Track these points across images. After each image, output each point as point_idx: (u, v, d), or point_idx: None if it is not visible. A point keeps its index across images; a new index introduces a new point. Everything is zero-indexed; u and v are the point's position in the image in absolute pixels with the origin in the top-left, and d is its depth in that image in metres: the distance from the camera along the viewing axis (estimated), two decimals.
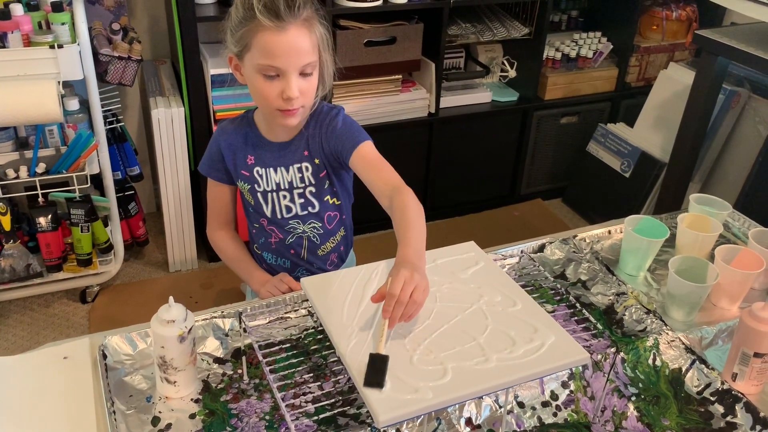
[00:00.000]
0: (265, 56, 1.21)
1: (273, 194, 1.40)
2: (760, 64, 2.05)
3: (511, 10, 2.85)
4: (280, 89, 1.23)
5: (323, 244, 1.46)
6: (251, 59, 1.23)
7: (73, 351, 1.13)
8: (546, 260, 1.41)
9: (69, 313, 2.36)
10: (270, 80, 1.23)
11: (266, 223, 1.44)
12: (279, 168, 1.38)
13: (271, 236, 1.45)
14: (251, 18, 1.20)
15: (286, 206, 1.41)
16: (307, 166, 1.37)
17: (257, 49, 1.21)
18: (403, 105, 2.67)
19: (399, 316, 0.99)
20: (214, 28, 2.52)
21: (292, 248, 1.46)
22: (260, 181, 1.39)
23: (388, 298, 0.99)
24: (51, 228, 2.16)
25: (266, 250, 1.48)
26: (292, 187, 1.39)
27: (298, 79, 1.23)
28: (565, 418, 1.12)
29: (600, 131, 3.02)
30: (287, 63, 1.21)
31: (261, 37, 1.20)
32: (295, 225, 1.43)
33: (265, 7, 1.18)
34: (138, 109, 2.75)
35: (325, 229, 1.44)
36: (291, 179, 1.38)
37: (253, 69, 1.24)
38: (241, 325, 1.17)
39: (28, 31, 1.98)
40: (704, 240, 1.38)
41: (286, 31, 1.19)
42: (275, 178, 1.38)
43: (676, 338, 1.19)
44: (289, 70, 1.22)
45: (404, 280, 1.00)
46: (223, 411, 1.04)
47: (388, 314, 0.99)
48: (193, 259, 2.61)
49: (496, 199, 3.08)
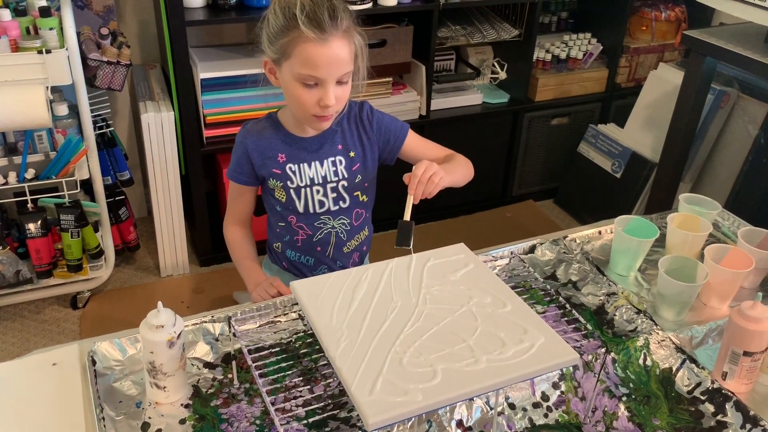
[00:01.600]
0: (306, 67, 1.23)
1: (306, 189, 1.42)
2: (748, 64, 2.06)
3: (501, 12, 2.86)
4: (317, 97, 1.26)
5: (349, 240, 1.49)
6: (291, 67, 1.25)
7: (62, 357, 1.13)
8: (537, 261, 1.42)
9: (60, 319, 2.35)
10: (308, 88, 1.26)
11: (295, 220, 1.45)
12: (313, 162, 1.41)
13: (299, 233, 1.47)
14: (293, 27, 1.21)
15: (319, 201, 1.43)
16: (341, 159, 1.41)
17: (298, 59, 1.23)
18: (394, 107, 2.67)
19: (421, 192, 1.21)
20: (203, 33, 2.52)
21: (319, 245, 1.48)
22: (293, 177, 1.41)
23: (412, 177, 1.21)
24: (41, 234, 2.15)
25: (290, 248, 1.50)
26: (326, 181, 1.42)
27: (335, 87, 1.26)
28: (556, 419, 1.12)
29: (591, 132, 3.03)
30: (327, 73, 1.24)
31: (304, 48, 1.22)
32: (325, 220, 1.45)
33: (308, 18, 1.20)
34: (128, 113, 2.74)
35: (351, 225, 1.47)
36: (325, 173, 1.41)
37: (293, 77, 1.26)
38: (230, 329, 1.17)
39: (15, 37, 1.97)
40: (694, 240, 1.38)
41: (329, 44, 1.22)
42: (309, 173, 1.41)
43: (667, 338, 1.19)
44: (328, 80, 1.25)
45: (426, 165, 1.22)
46: (214, 416, 1.04)
47: (413, 191, 1.21)
48: (184, 264, 2.60)
49: (487, 201, 3.09)
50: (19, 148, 2.16)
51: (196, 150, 2.40)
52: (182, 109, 2.34)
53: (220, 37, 2.58)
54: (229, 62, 2.37)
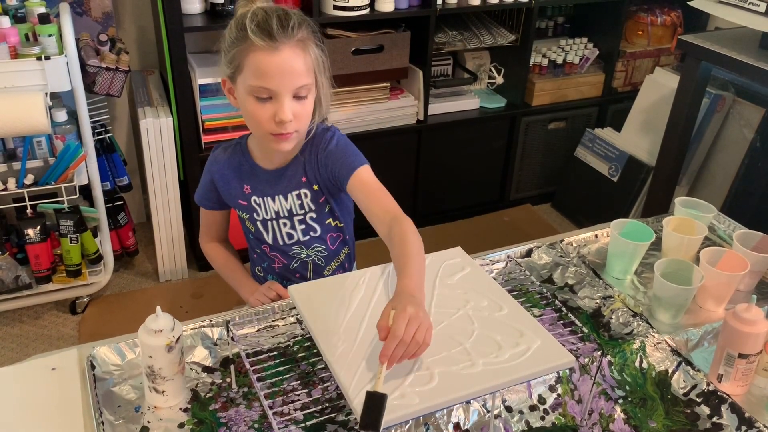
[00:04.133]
0: (257, 77, 1.17)
1: (273, 222, 1.37)
2: (743, 69, 2.07)
3: (498, 18, 2.88)
4: (272, 112, 1.19)
5: (328, 265, 1.44)
6: (243, 81, 1.20)
7: (61, 362, 1.13)
8: (533, 265, 1.42)
9: (59, 325, 2.35)
10: (262, 103, 1.19)
11: (269, 249, 1.42)
12: (277, 196, 1.35)
13: (275, 261, 1.43)
14: (243, 38, 1.17)
15: (287, 233, 1.38)
16: (305, 192, 1.34)
17: (249, 70, 1.18)
18: (392, 112, 2.68)
19: (399, 356, 0.94)
20: (201, 39, 2.53)
21: (297, 272, 1.43)
22: (258, 210, 1.36)
23: (390, 338, 0.93)
24: (40, 239, 2.16)
25: (271, 274, 1.46)
26: (292, 214, 1.36)
27: (292, 102, 1.19)
28: (553, 421, 1.12)
29: (588, 136, 3.04)
30: (280, 85, 1.17)
31: (253, 57, 1.17)
32: (298, 250, 1.40)
33: (258, 27, 1.15)
34: (126, 119, 2.75)
35: (329, 251, 1.41)
36: (290, 207, 1.35)
37: (246, 91, 1.20)
38: (229, 333, 1.17)
39: (15, 43, 1.98)
40: (690, 243, 1.39)
41: (279, 51, 1.16)
42: (274, 206, 1.35)
43: (663, 340, 1.20)
44: (282, 92, 1.18)
45: (408, 318, 0.94)
46: (212, 420, 1.04)
47: (388, 353, 0.93)
48: (183, 269, 2.60)
49: (485, 205, 3.10)
50: (18, 153, 2.17)
51: (194, 155, 2.41)
52: (181, 114, 2.35)
53: (218, 43, 2.59)
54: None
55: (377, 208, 1.23)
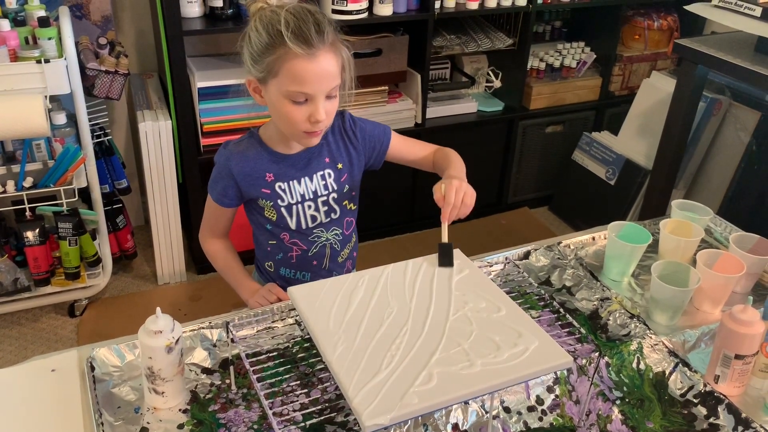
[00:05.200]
0: (296, 83, 1.20)
1: (298, 206, 1.39)
2: (738, 72, 2.08)
3: (495, 22, 2.89)
4: (307, 113, 1.23)
5: (342, 250, 1.48)
6: (278, 85, 1.22)
7: (61, 363, 1.13)
8: (531, 267, 1.43)
9: (57, 327, 2.35)
10: (298, 105, 1.23)
11: (288, 237, 1.43)
12: (303, 179, 1.38)
13: (292, 249, 1.44)
14: (279, 45, 1.18)
15: (311, 216, 1.41)
16: (329, 172, 1.40)
17: (286, 76, 1.20)
18: (390, 116, 2.69)
19: (454, 216, 1.24)
20: (201, 42, 2.54)
21: (315, 259, 1.45)
22: (284, 195, 1.38)
23: (445, 204, 1.23)
24: (38, 242, 2.16)
25: (284, 266, 1.47)
26: (317, 195, 1.40)
27: (325, 101, 1.24)
28: (551, 422, 1.13)
29: (585, 140, 3.05)
30: (317, 89, 1.21)
31: (292, 64, 1.19)
32: (318, 233, 1.43)
33: (295, 35, 1.17)
34: (125, 122, 2.75)
35: (343, 234, 1.46)
36: (315, 188, 1.40)
37: (281, 94, 1.23)
38: (228, 335, 1.18)
39: (14, 47, 1.99)
40: (686, 245, 1.40)
41: (317, 59, 1.19)
42: (299, 189, 1.39)
43: (660, 342, 1.20)
44: (317, 95, 1.22)
45: (456, 187, 1.23)
46: (212, 421, 1.05)
47: (447, 215, 1.24)
48: (181, 272, 2.61)
49: (483, 208, 3.10)
50: (17, 156, 2.17)
51: (193, 158, 2.41)
52: (179, 117, 2.35)
53: (217, 46, 2.60)
54: (226, 71, 2.39)
55: (422, 150, 1.50)
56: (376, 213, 2.73)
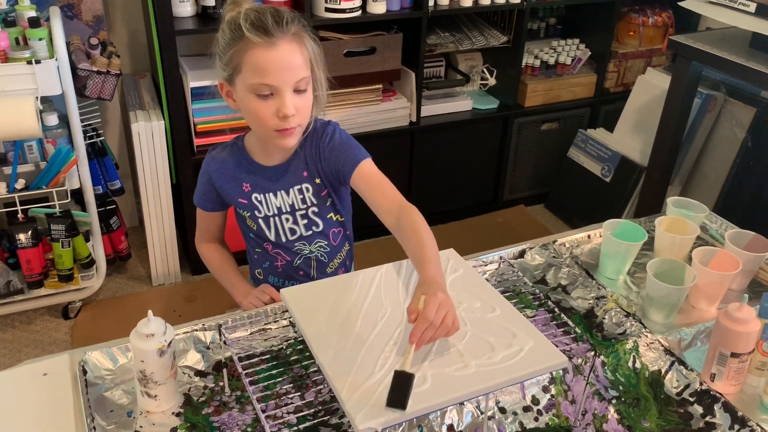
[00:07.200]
0: (257, 74, 1.18)
1: (275, 218, 1.37)
2: (733, 69, 2.08)
3: (490, 19, 2.88)
4: (275, 108, 1.20)
5: (331, 261, 1.44)
6: (243, 80, 1.20)
7: (53, 367, 1.12)
8: (526, 266, 1.42)
9: (51, 330, 2.34)
10: (264, 100, 1.20)
11: (271, 247, 1.41)
12: (279, 192, 1.35)
13: (277, 260, 1.43)
14: (239, 38, 1.18)
15: (290, 229, 1.38)
16: (307, 186, 1.35)
17: (248, 69, 1.18)
18: (385, 114, 2.68)
19: (428, 338, 0.97)
20: (193, 42, 2.52)
21: (301, 269, 1.43)
22: (260, 207, 1.36)
23: (421, 320, 0.97)
24: (31, 244, 2.15)
25: (272, 274, 1.45)
26: (294, 209, 1.36)
27: (293, 96, 1.21)
28: (547, 422, 1.12)
29: (580, 137, 3.05)
30: (280, 79, 1.18)
31: (251, 55, 1.17)
32: (301, 246, 1.40)
33: (253, 25, 1.16)
34: (118, 123, 2.74)
35: (331, 246, 1.42)
36: (292, 202, 1.35)
37: (246, 90, 1.21)
38: (221, 337, 1.17)
39: (5, 47, 1.97)
40: (682, 242, 1.40)
41: (277, 47, 1.17)
42: (276, 202, 1.35)
43: (656, 340, 1.20)
44: (283, 87, 1.19)
45: (439, 303, 0.98)
46: (205, 424, 1.04)
47: (419, 335, 0.96)
48: (176, 273, 2.60)
49: (478, 206, 3.10)
50: (9, 158, 2.16)
51: (186, 158, 2.40)
52: (172, 117, 2.34)
53: (209, 45, 2.58)
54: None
55: (383, 200, 1.25)
56: (372, 212, 2.72)
